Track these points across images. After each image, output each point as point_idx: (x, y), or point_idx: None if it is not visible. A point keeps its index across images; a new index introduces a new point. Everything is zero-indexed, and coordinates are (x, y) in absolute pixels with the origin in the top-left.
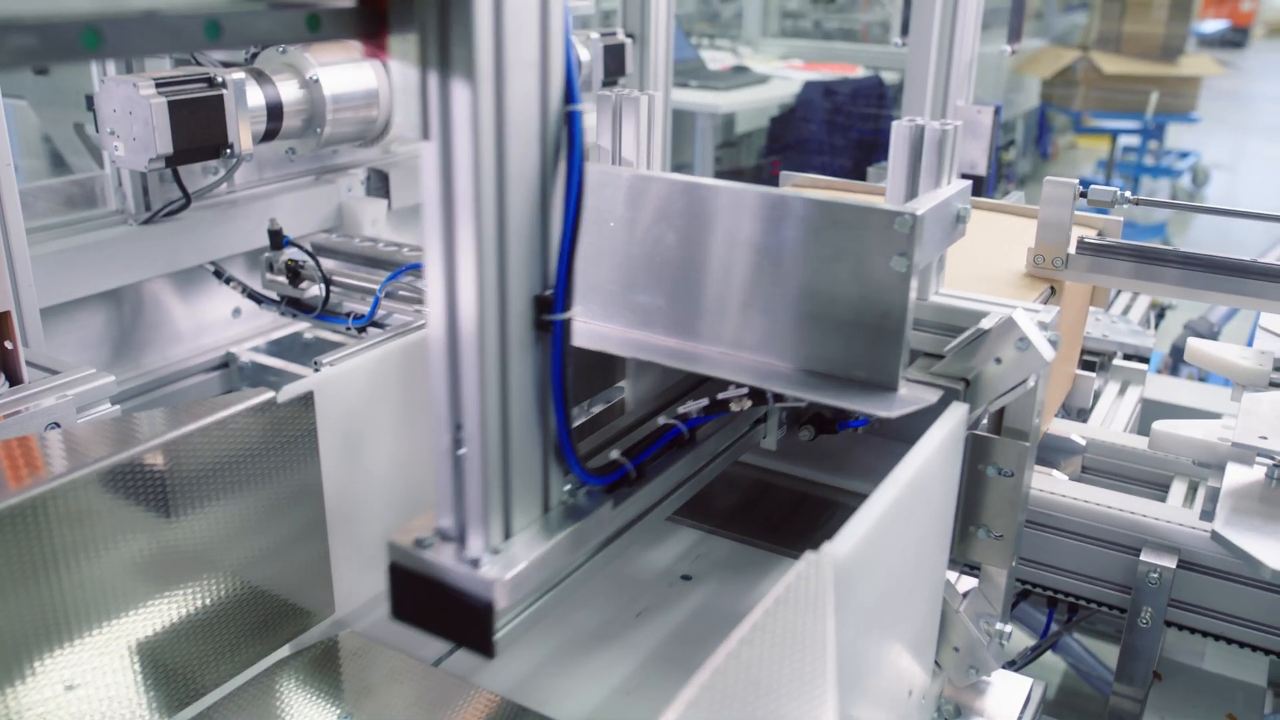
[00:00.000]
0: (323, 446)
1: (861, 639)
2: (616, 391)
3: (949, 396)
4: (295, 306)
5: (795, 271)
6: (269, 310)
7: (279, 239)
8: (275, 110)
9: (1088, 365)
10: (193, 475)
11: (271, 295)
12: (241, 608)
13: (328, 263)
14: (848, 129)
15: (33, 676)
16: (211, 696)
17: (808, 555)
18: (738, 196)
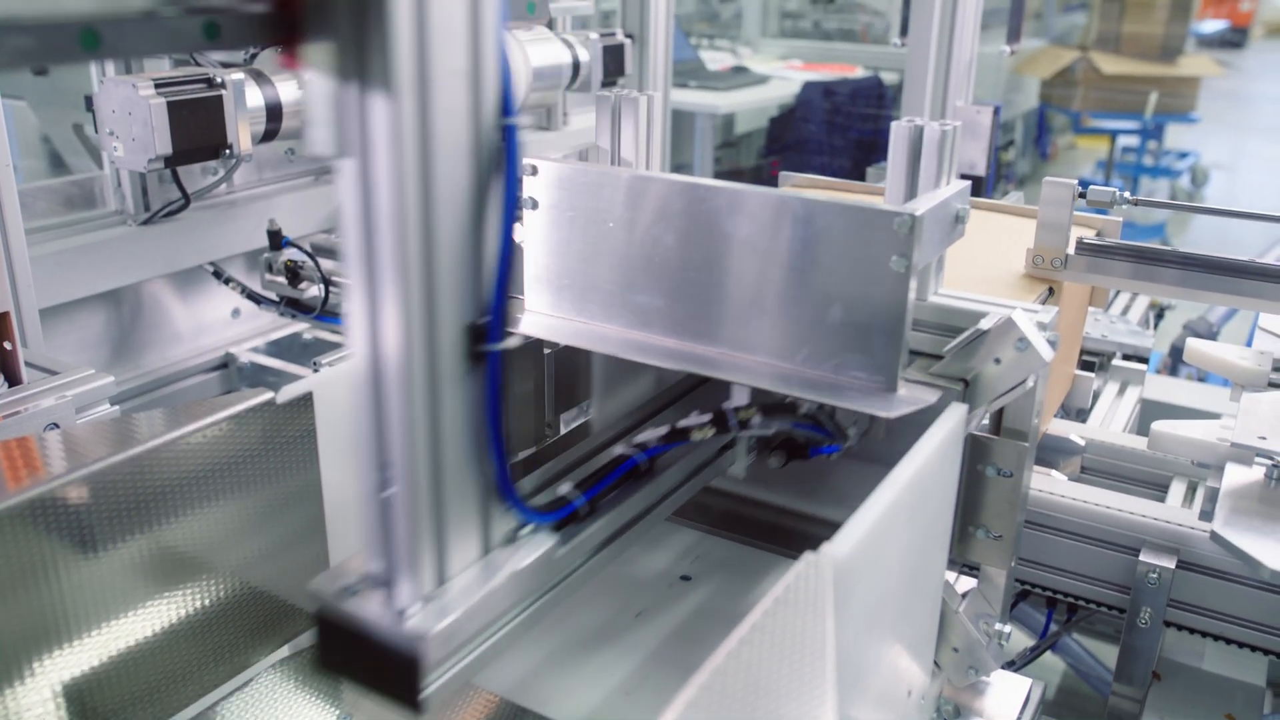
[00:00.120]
0: (322, 447)
1: (861, 639)
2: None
3: (948, 397)
4: (294, 307)
5: (794, 272)
6: (268, 311)
7: (278, 239)
8: (274, 111)
9: (1087, 365)
10: (191, 476)
11: (271, 296)
12: (240, 608)
13: (327, 263)
14: (847, 129)
15: (31, 677)
16: (211, 697)
17: (807, 555)
18: (737, 197)
